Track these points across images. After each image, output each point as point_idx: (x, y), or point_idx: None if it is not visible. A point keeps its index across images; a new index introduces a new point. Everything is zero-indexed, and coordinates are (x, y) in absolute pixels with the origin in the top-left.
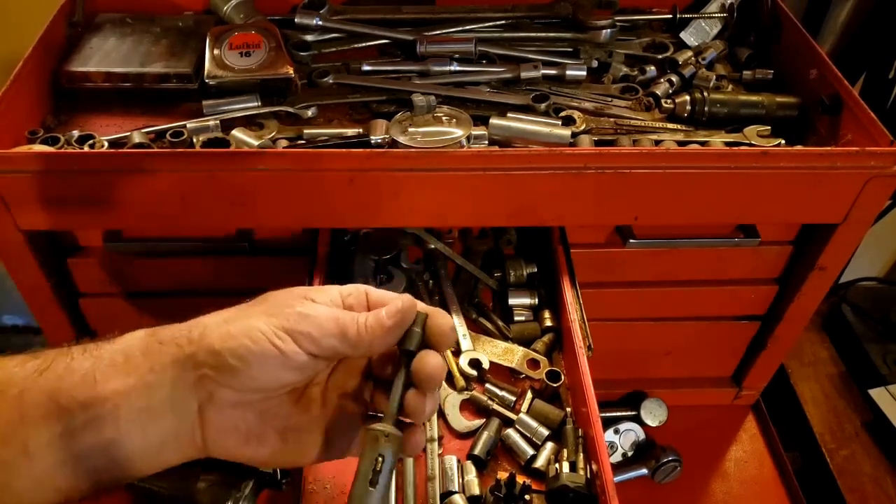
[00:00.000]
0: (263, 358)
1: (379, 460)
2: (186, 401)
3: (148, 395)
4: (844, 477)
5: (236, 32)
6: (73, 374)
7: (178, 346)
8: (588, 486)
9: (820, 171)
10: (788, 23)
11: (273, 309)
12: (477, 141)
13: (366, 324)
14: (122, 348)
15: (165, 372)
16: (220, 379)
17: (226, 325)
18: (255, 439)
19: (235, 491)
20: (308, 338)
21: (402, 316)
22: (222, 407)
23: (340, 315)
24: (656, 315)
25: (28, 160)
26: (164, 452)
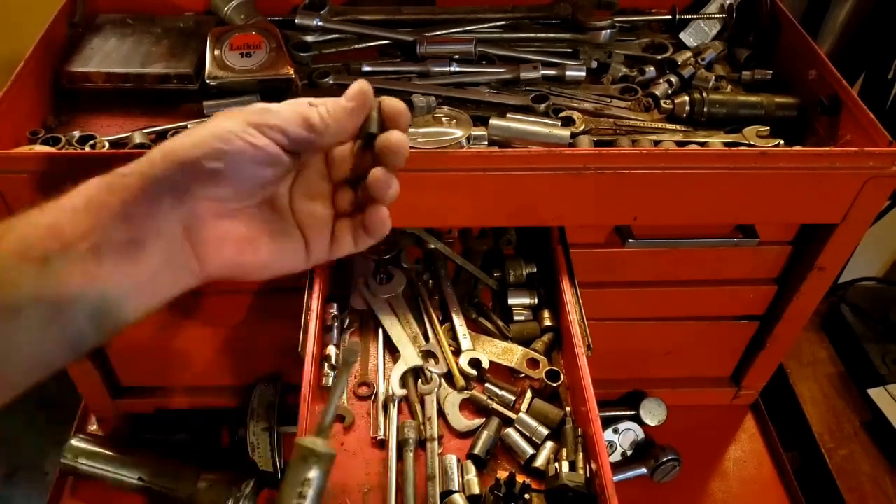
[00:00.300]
0: (238, 155)
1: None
2: (170, 225)
3: (126, 228)
4: (843, 477)
5: (237, 33)
6: (37, 229)
7: (141, 173)
8: (587, 486)
9: (819, 171)
10: (787, 23)
11: (233, 112)
12: (477, 141)
13: (327, 109)
14: (82, 193)
15: (139, 201)
16: (199, 191)
17: (188, 138)
18: (248, 245)
19: (236, 491)
20: (276, 129)
21: (363, 96)
22: (209, 220)
23: (299, 107)
24: (655, 315)
25: (29, 160)
26: (158, 283)
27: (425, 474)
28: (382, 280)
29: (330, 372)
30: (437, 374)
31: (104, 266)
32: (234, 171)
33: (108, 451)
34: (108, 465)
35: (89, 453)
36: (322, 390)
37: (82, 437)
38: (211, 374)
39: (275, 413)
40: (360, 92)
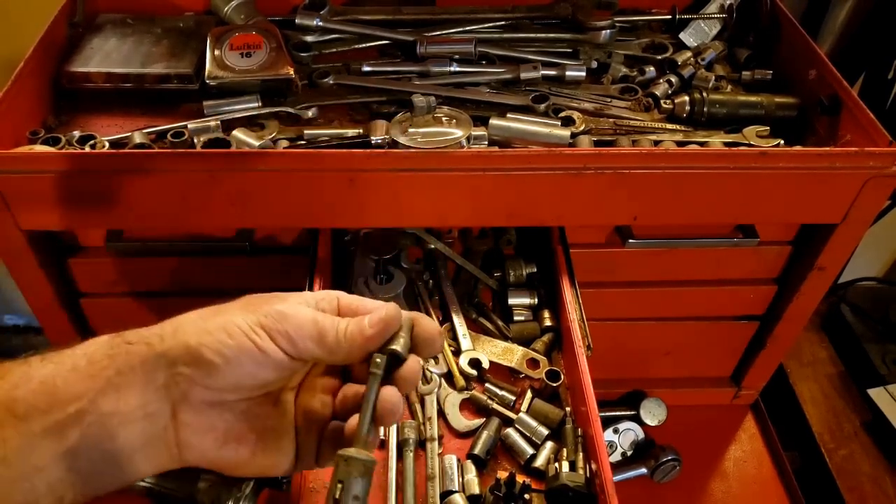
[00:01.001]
0: (240, 353)
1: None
2: (159, 402)
3: (116, 399)
4: (843, 476)
5: (237, 33)
6: (30, 381)
7: (147, 345)
8: (587, 486)
9: (819, 171)
10: (787, 23)
11: (251, 306)
12: (477, 141)
13: (346, 330)
14: (85, 352)
15: (135, 373)
16: (196, 377)
17: (202, 322)
18: (233, 440)
19: (236, 491)
20: (285, 337)
21: (385, 326)
22: (198, 407)
23: (320, 318)
24: (656, 315)
25: (29, 160)
26: (135, 461)
27: (425, 474)
28: (382, 280)
29: None
30: (437, 375)
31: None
32: (234, 366)
33: None
34: None
35: None
36: None
37: None
38: None
39: None
40: (383, 321)
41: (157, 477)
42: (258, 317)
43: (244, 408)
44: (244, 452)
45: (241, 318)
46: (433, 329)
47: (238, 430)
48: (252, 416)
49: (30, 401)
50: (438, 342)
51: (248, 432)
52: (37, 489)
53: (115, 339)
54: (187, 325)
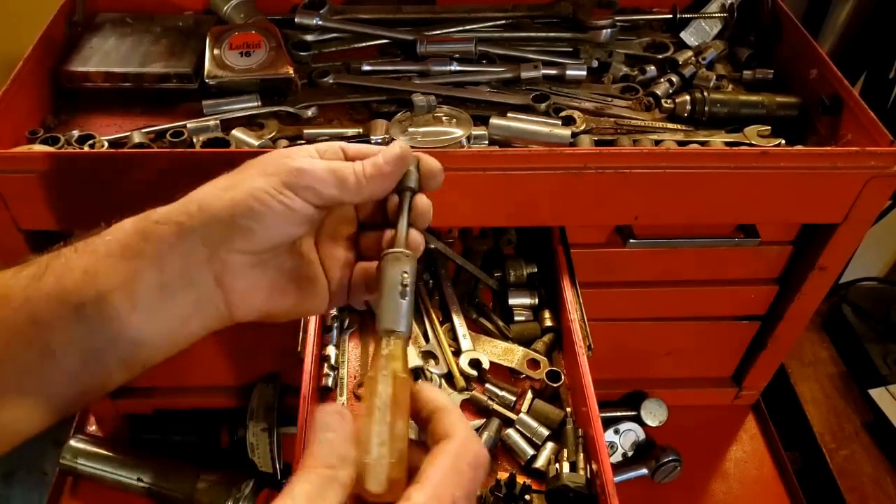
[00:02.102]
0: (273, 216)
1: (405, 275)
2: (201, 275)
3: (160, 274)
4: (844, 477)
5: (236, 32)
6: (72, 272)
7: (178, 223)
8: (588, 486)
9: (820, 171)
10: (788, 23)
11: (269, 168)
12: (477, 141)
13: (363, 171)
14: (116, 238)
15: (174, 249)
16: (233, 245)
17: (226, 193)
18: (277, 292)
19: (235, 491)
20: (310, 190)
21: (401, 162)
22: (240, 270)
23: (335, 166)
24: (656, 315)
25: (28, 160)
26: (187, 328)
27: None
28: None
29: (330, 372)
30: (437, 375)
31: (137, 313)
32: (268, 228)
33: (108, 452)
34: (107, 466)
35: (88, 454)
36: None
37: (81, 438)
38: (210, 374)
39: (274, 413)
40: (399, 157)
41: (157, 477)
42: (280, 177)
43: (280, 262)
44: (289, 300)
45: (264, 181)
46: (436, 165)
47: (279, 282)
48: (287, 269)
49: (80, 292)
50: (440, 177)
51: (287, 283)
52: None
53: (141, 221)
54: (211, 199)
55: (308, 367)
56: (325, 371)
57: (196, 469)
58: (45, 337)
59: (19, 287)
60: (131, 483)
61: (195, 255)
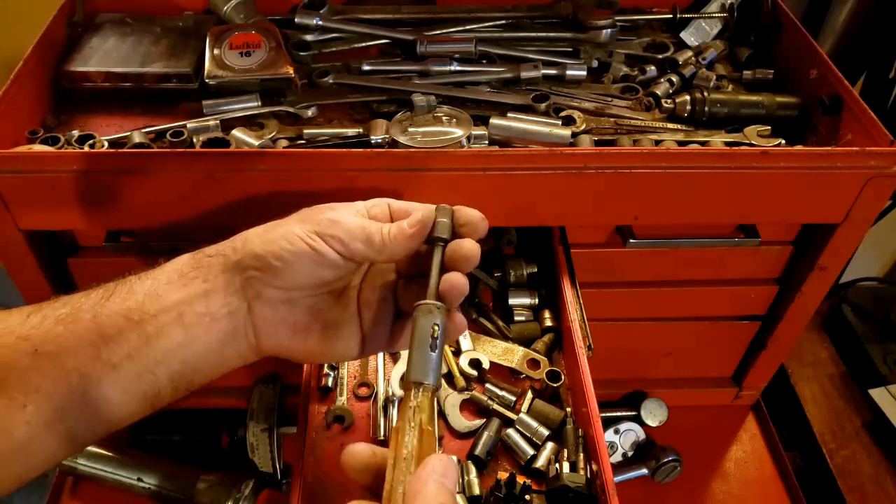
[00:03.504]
0: (300, 257)
1: (435, 328)
2: (238, 302)
3: (206, 301)
4: (844, 477)
5: (236, 32)
6: (136, 294)
7: (224, 256)
8: (588, 486)
9: (820, 171)
10: (789, 23)
11: (305, 216)
12: (477, 141)
13: (389, 232)
14: (175, 268)
15: (217, 279)
16: (265, 279)
17: (266, 234)
18: (301, 331)
19: (235, 491)
20: (337, 240)
21: (422, 225)
22: (271, 304)
23: (366, 224)
24: (656, 315)
25: (28, 160)
26: (225, 352)
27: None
28: None
29: (330, 372)
30: None
31: (186, 332)
32: (295, 268)
33: (108, 452)
34: (107, 466)
35: (89, 454)
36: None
37: None
38: None
39: (274, 414)
40: (420, 222)
41: (157, 478)
42: (312, 225)
43: (310, 303)
44: (312, 341)
45: (299, 227)
46: (472, 214)
47: (305, 322)
48: (317, 311)
49: (142, 309)
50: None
51: (313, 323)
52: (159, 380)
53: (197, 255)
54: (254, 237)
55: (308, 366)
56: (325, 371)
57: (196, 469)
58: (109, 349)
59: (89, 304)
60: (131, 483)
61: (234, 284)
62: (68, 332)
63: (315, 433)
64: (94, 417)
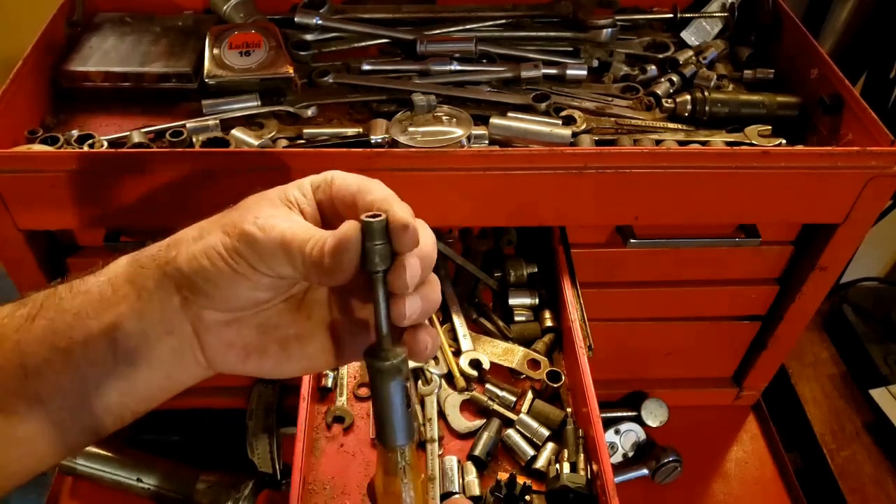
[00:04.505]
0: (225, 279)
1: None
2: (179, 322)
3: (140, 321)
4: (845, 477)
5: (236, 32)
6: (64, 314)
7: (157, 266)
8: (588, 487)
9: (821, 170)
10: (789, 22)
11: (230, 224)
12: (477, 141)
13: (311, 255)
14: (109, 279)
15: (152, 296)
16: (199, 301)
17: (194, 245)
18: (255, 353)
19: (235, 491)
20: (261, 261)
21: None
22: (214, 326)
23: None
24: (657, 315)
25: (27, 160)
26: (171, 375)
27: (426, 475)
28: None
29: (329, 372)
30: (437, 375)
31: (119, 359)
32: (224, 291)
33: (107, 452)
34: (106, 466)
35: (87, 454)
36: (321, 391)
37: None
38: None
39: (274, 414)
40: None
41: (156, 478)
42: (233, 241)
43: (263, 320)
44: (268, 363)
45: (220, 240)
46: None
47: (257, 343)
48: (272, 328)
49: (69, 335)
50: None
51: (268, 344)
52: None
53: (132, 264)
54: (183, 247)
55: None
56: (325, 371)
57: (195, 469)
58: (35, 384)
59: (12, 328)
60: (131, 483)
61: (171, 302)
62: None
63: (315, 433)
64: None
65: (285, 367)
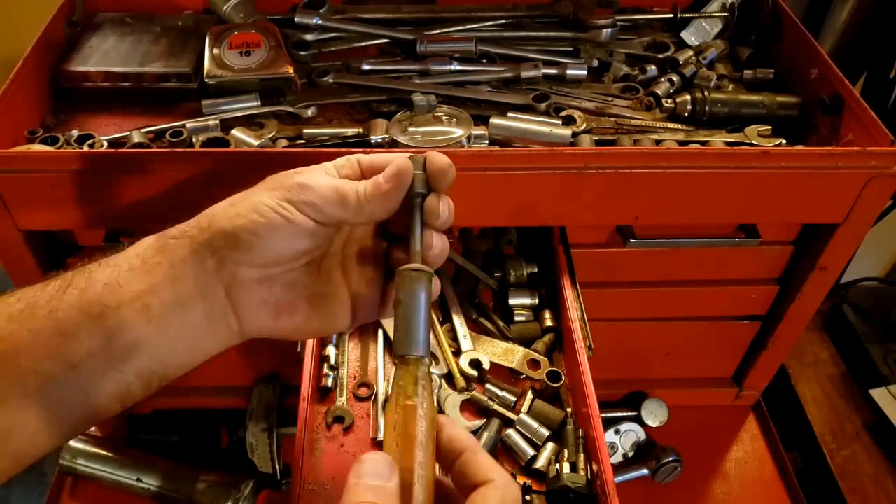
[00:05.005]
0: (273, 229)
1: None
2: (212, 287)
3: (174, 288)
4: (845, 477)
5: (236, 32)
6: (95, 285)
7: (190, 237)
8: (589, 487)
9: (821, 170)
10: (789, 22)
11: (275, 184)
12: (477, 140)
13: (365, 191)
14: (138, 252)
15: (186, 263)
16: (238, 258)
17: (233, 208)
18: (286, 310)
19: (235, 491)
20: (311, 206)
21: (399, 179)
22: (248, 285)
23: (340, 184)
24: (657, 315)
25: (27, 160)
26: (200, 341)
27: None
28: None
29: (329, 372)
30: (437, 375)
31: (152, 325)
32: (269, 241)
33: (107, 452)
34: (106, 466)
35: (88, 454)
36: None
37: (81, 438)
38: (209, 374)
39: (274, 414)
40: (397, 175)
41: (156, 478)
42: (283, 192)
43: (291, 279)
44: (298, 319)
45: (268, 196)
46: (442, 160)
47: (288, 300)
48: (300, 286)
49: (102, 302)
50: (450, 172)
51: (298, 300)
52: (126, 377)
53: (161, 237)
54: (220, 214)
55: (308, 367)
56: (325, 371)
57: (195, 469)
58: (68, 347)
59: (45, 299)
60: (131, 483)
61: (205, 267)
62: (23, 330)
63: (315, 433)
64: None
65: (313, 324)
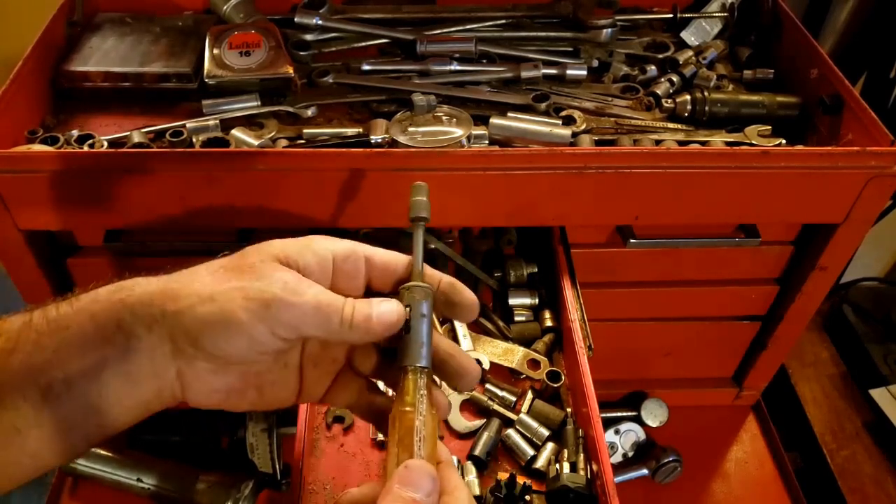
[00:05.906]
0: (240, 344)
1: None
2: (165, 367)
3: (127, 363)
4: (845, 477)
5: (236, 32)
6: (44, 351)
7: (153, 318)
8: (588, 487)
9: (821, 170)
10: (789, 22)
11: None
12: (477, 141)
13: (351, 319)
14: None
15: (141, 341)
16: (196, 354)
17: (201, 307)
18: (234, 395)
19: (235, 491)
20: (287, 327)
21: (392, 329)
22: (202, 374)
23: (324, 303)
24: (657, 315)
25: (27, 160)
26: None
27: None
28: None
29: None
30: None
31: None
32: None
33: (107, 452)
34: (106, 466)
35: (88, 454)
36: None
37: None
38: None
39: (274, 414)
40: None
41: (156, 478)
42: (260, 306)
43: (245, 369)
44: (243, 404)
45: (241, 307)
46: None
47: (238, 387)
48: (253, 375)
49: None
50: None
51: (247, 388)
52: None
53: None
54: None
55: None
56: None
57: (195, 469)
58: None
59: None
60: (131, 484)
61: (162, 349)
62: None
63: (315, 433)
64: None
65: (256, 405)
